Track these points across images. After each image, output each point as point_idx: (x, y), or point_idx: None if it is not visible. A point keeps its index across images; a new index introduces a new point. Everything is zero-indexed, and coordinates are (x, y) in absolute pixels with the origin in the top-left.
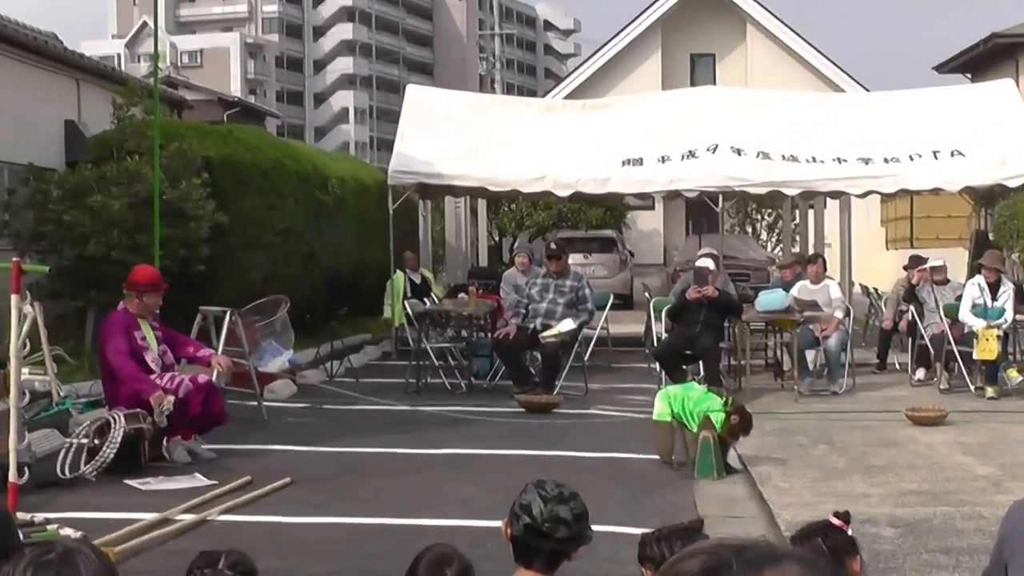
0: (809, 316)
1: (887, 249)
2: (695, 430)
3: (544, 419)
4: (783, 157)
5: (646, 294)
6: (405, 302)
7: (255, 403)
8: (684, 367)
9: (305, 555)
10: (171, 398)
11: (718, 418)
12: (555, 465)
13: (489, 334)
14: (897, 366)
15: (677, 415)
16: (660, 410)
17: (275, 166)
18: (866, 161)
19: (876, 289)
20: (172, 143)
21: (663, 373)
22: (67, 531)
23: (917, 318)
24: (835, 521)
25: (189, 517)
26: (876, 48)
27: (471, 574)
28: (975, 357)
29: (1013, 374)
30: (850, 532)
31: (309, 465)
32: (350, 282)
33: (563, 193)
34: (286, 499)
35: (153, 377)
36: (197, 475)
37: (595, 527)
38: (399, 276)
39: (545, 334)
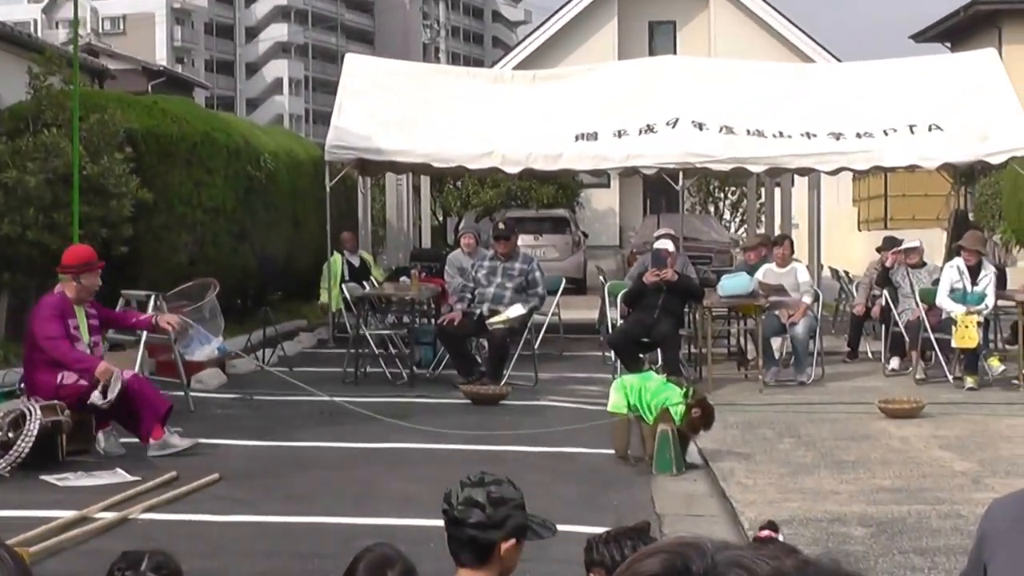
0: (775, 301)
1: (859, 230)
2: (653, 423)
3: (491, 411)
4: (748, 132)
5: (600, 278)
6: (343, 286)
7: (181, 393)
8: (641, 356)
9: (234, 556)
10: (119, 373)
11: (677, 410)
12: (503, 460)
13: (432, 320)
14: (869, 355)
15: (633, 407)
16: (615, 402)
17: (204, 140)
18: (837, 136)
19: (847, 272)
20: (93, 115)
21: (618, 362)
22: None
23: (891, 303)
24: (763, 534)
25: (110, 515)
26: (848, 16)
27: None
28: (953, 345)
29: (994, 363)
30: (781, 538)
31: (239, 460)
32: (284, 265)
33: (512, 170)
34: (214, 496)
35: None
36: (119, 470)
37: None
38: (336, 258)
39: (492, 320)
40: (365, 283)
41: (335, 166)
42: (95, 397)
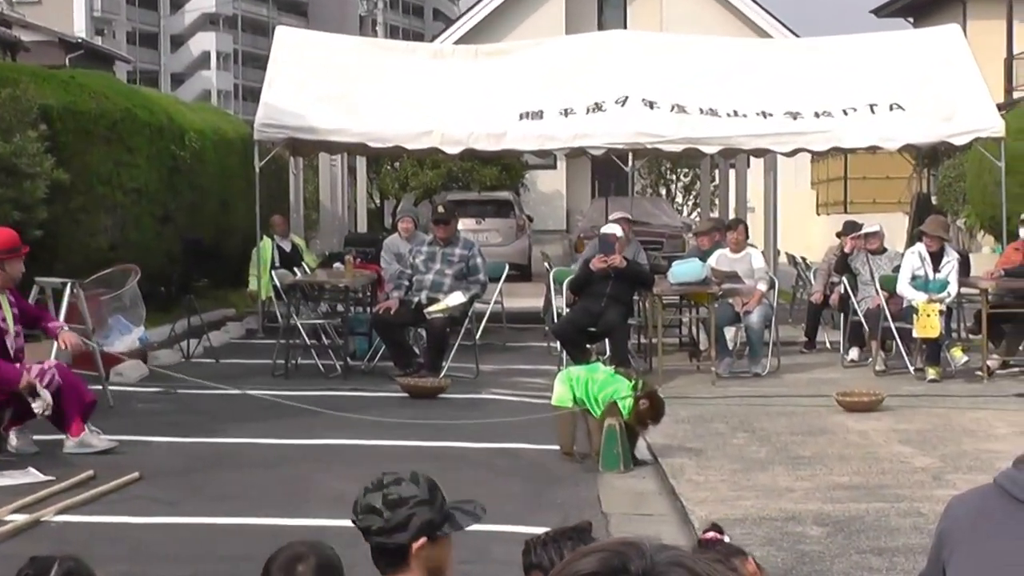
0: (729, 289)
1: (817, 214)
2: (600, 417)
3: (429, 405)
4: (701, 111)
5: (546, 264)
6: (273, 272)
7: (99, 387)
8: (588, 346)
9: (155, 560)
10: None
11: (625, 403)
12: (441, 457)
13: (368, 309)
14: (827, 345)
15: (580, 400)
16: (560, 394)
17: (125, 117)
18: (794, 115)
19: (804, 259)
20: (4, 90)
21: (564, 353)
22: None
23: (850, 291)
24: (707, 536)
25: (21, 518)
26: None
27: (332, 571)
28: (915, 335)
29: (957, 354)
30: (727, 539)
31: (161, 457)
32: (210, 250)
33: (453, 150)
34: (134, 496)
35: (20, 368)
36: (31, 470)
37: (487, 527)
38: (266, 243)
39: (431, 309)
40: (296, 269)
41: (265, 145)
42: (36, 409)
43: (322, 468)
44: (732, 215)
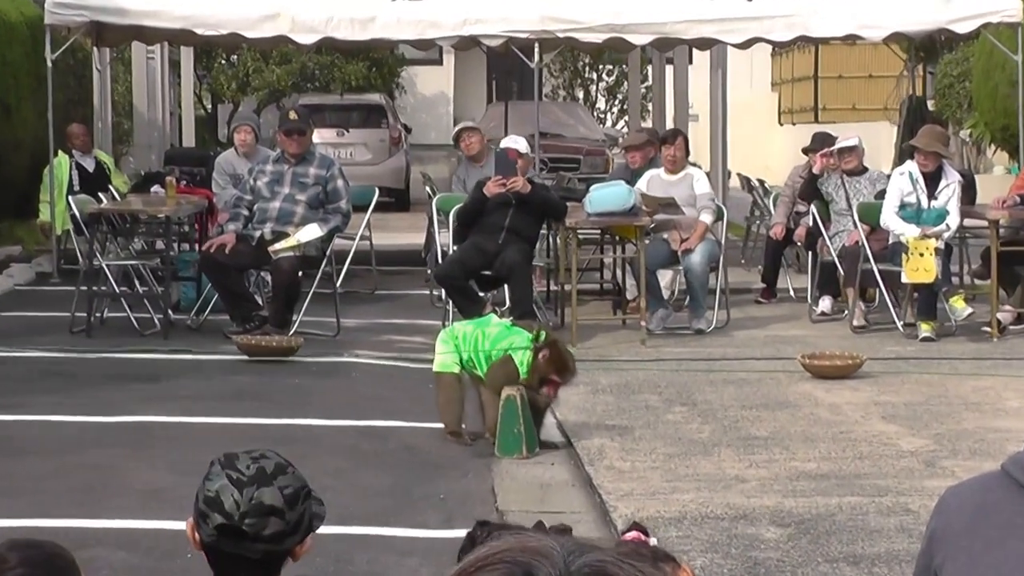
0: (663, 221)
1: (780, 124)
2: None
3: (275, 370)
4: None
5: (428, 189)
6: (71, 199)
7: None
8: (481, 295)
9: None
10: None
11: (523, 359)
12: (289, 439)
13: (196, 246)
14: (791, 293)
15: (468, 364)
16: (444, 359)
17: None
18: None
19: (762, 182)
20: None
21: (450, 304)
22: None
23: (820, 224)
24: (628, 537)
25: None
26: None
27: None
28: (904, 280)
29: (959, 304)
30: (654, 542)
31: None
32: None
33: (306, 40)
34: None
35: None
36: None
37: (347, 529)
38: (62, 160)
39: (278, 246)
40: (102, 195)
41: (60, 32)
42: None
43: (133, 454)
44: (670, 125)
